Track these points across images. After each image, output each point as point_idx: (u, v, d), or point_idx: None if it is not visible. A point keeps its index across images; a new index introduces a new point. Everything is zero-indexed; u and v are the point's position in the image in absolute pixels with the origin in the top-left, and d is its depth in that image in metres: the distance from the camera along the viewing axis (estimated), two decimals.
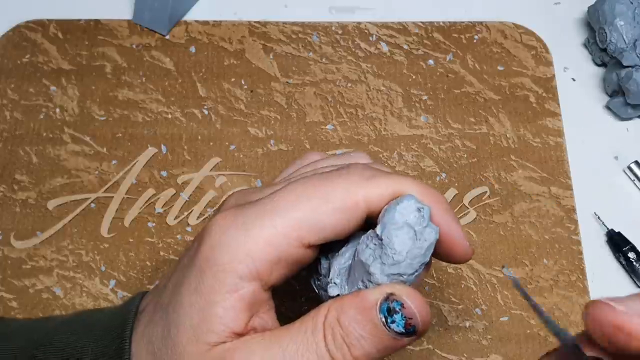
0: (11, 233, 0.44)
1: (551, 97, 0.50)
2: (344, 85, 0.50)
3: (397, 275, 0.25)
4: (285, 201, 0.25)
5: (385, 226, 0.25)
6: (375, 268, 0.25)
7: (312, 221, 0.25)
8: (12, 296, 0.42)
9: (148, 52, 0.50)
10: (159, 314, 0.26)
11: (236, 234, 0.25)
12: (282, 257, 0.25)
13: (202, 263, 0.25)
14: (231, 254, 0.24)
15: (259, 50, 0.51)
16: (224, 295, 0.24)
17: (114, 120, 0.48)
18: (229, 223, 0.25)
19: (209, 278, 0.24)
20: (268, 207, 0.25)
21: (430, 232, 0.25)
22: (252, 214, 0.25)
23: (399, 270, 0.25)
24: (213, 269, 0.24)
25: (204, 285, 0.24)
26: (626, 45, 0.48)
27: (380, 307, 0.24)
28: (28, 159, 0.46)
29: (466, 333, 0.42)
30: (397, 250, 0.25)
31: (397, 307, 0.24)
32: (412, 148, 0.47)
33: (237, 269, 0.24)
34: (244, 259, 0.24)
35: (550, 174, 0.47)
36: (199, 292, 0.24)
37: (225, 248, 0.25)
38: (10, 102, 0.48)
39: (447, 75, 0.50)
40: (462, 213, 0.45)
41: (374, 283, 0.25)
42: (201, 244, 0.25)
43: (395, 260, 0.25)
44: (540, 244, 0.44)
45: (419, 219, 0.25)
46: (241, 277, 0.24)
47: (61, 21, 0.51)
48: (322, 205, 0.25)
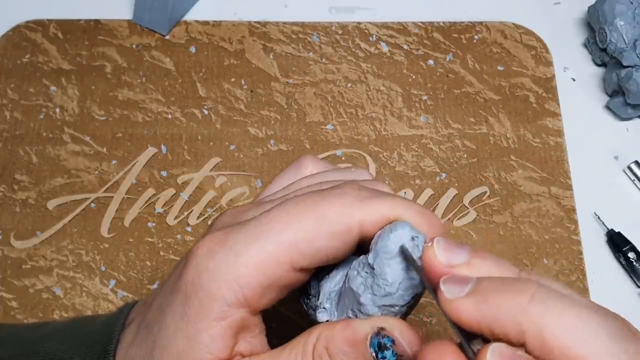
0: (11, 233, 0.44)
1: (551, 97, 0.50)
2: (344, 86, 0.50)
3: (388, 307, 0.24)
4: (277, 223, 0.24)
5: (378, 255, 0.24)
6: (366, 298, 0.24)
7: (304, 245, 0.24)
8: (12, 296, 0.42)
9: (148, 52, 0.50)
10: (143, 333, 0.25)
11: (225, 259, 0.24)
12: (272, 282, 0.24)
13: (189, 287, 0.24)
14: (219, 280, 0.23)
15: (259, 50, 0.51)
16: (210, 323, 0.23)
17: (114, 120, 0.48)
18: (217, 247, 0.24)
19: (195, 304, 0.23)
20: (258, 229, 0.24)
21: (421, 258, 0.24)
22: (241, 237, 0.24)
23: (390, 301, 0.24)
24: (199, 295, 0.23)
25: (190, 311, 0.23)
26: (626, 45, 0.48)
27: (371, 341, 0.23)
28: (28, 159, 0.46)
29: None
30: (389, 281, 0.23)
31: (388, 343, 0.23)
32: (412, 148, 0.47)
33: (225, 296, 0.23)
34: (232, 286, 0.23)
35: (550, 174, 0.47)
36: (184, 318, 0.24)
37: (213, 273, 0.23)
38: (10, 102, 0.48)
39: (447, 75, 0.50)
40: (462, 213, 0.45)
41: (364, 314, 0.24)
42: (187, 267, 0.24)
43: (386, 292, 0.24)
44: (540, 244, 0.44)
45: (413, 248, 0.24)
46: (229, 304, 0.23)
47: (61, 21, 0.51)
48: (315, 229, 0.24)
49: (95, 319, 0.29)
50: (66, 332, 0.28)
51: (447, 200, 0.46)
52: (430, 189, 0.46)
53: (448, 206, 0.46)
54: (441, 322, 0.42)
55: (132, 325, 0.26)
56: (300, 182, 0.28)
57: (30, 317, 0.41)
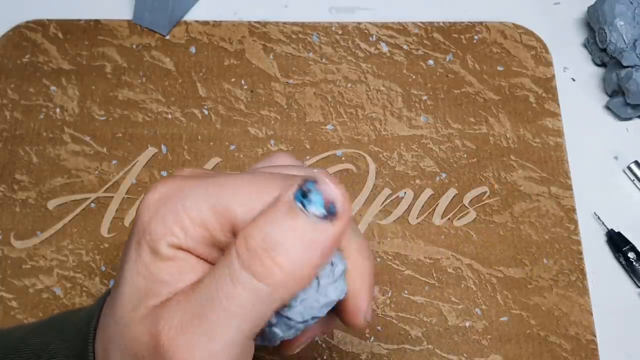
0: (11, 233, 0.44)
1: (551, 97, 0.50)
2: (344, 86, 0.50)
3: (285, 318, 0.23)
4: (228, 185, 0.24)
5: None
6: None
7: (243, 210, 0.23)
8: (12, 296, 0.42)
9: (148, 52, 0.50)
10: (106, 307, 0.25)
11: (174, 208, 0.23)
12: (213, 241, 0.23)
13: (139, 235, 0.24)
14: (166, 226, 0.23)
15: (259, 50, 0.51)
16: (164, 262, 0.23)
17: (114, 120, 0.48)
18: (171, 194, 0.24)
19: (145, 248, 0.23)
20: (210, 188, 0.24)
21: (334, 291, 0.24)
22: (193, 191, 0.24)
23: (287, 313, 0.23)
24: (147, 238, 0.23)
25: (142, 255, 0.23)
26: (626, 45, 0.48)
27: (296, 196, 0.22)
28: (28, 159, 0.46)
29: (466, 333, 0.42)
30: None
31: (310, 186, 0.22)
32: (412, 148, 0.47)
33: (169, 241, 0.23)
34: (178, 233, 0.23)
35: (550, 174, 0.47)
36: (139, 263, 0.24)
37: (162, 219, 0.23)
38: (10, 102, 0.48)
39: (447, 75, 0.50)
40: (462, 213, 0.45)
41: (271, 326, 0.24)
42: (139, 214, 0.24)
43: (288, 304, 0.23)
44: (540, 244, 0.44)
45: (328, 273, 0.23)
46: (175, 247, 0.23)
47: (61, 21, 0.51)
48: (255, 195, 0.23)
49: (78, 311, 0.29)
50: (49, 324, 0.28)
51: (447, 200, 0.46)
52: (430, 189, 0.46)
53: (448, 206, 0.46)
54: (441, 322, 0.42)
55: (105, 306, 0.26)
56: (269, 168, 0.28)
57: (30, 317, 0.41)
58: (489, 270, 0.44)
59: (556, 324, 0.42)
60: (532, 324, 0.42)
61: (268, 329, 0.24)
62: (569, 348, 0.41)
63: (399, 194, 0.46)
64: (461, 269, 0.44)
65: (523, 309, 0.42)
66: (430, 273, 0.44)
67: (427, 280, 0.43)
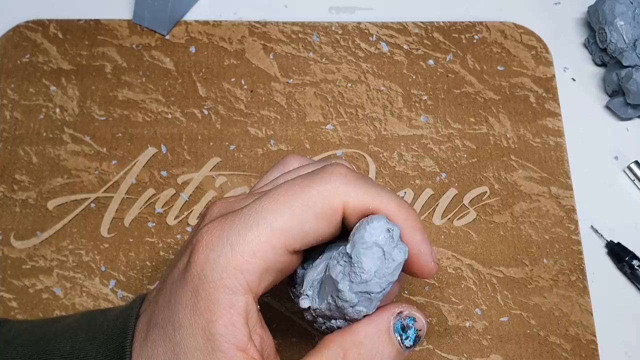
0: (11, 233, 0.44)
1: (551, 97, 0.50)
2: (344, 85, 0.50)
3: (365, 294, 0.26)
4: (268, 210, 0.26)
5: (355, 245, 0.26)
6: (344, 285, 0.26)
7: (295, 229, 0.26)
8: (12, 296, 0.42)
9: (148, 52, 0.50)
10: (155, 332, 0.26)
11: (224, 250, 0.25)
12: (269, 266, 0.26)
13: (195, 281, 0.25)
14: (220, 270, 0.25)
15: (259, 50, 0.51)
16: (220, 312, 0.25)
17: (114, 120, 0.48)
18: (215, 239, 0.25)
19: (203, 296, 0.25)
20: (252, 217, 0.26)
21: (399, 253, 0.26)
22: (236, 226, 0.26)
23: (366, 288, 0.26)
24: (205, 287, 0.25)
25: (200, 304, 0.25)
26: (626, 45, 0.48)
27: (395, 327, 0.26)
28: (28, 159, 0.46)
29: (466, 333, 0.42)
30: (365, 269, 0.25)
31: (410, 323, 0.26)
32: (412, 148, 0.47)
33: (228, 285, 0.25)
34: (234, 274, 0.25)
35: (550, 174, 0.47)
36: (196, 311, 0.25)
37: (215, 264, 0.25)
38: (10, 102, 0.48)
39: (447, 75, 0.50)
40: (462, 213, 0.45)
41: (342, 299, 0.26)
42: (190, 261, 0.25)
43: (363, 279, 0.26)
44: (540, 244, 0.44)
45: (388, 240, 0.26)
46: (234, 292, 0.25)
47: (61, 21, 0.51)
48: (303, 213, 0.26)
49: (104, 313, 0.29)
50: (79, 329, 0.28)
51: (447, 200, 0.46)
52: (430, 189, 0.46)
53: (448, 206, 0.46)
54: (441, 322, 0.42)
55: (142, 322, 0.27)
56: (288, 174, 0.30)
57: (30, 317, 0.41)
58: (489, 271, 0.44)
59: (556, 324, 0.42)
60: (532, 324, 0.42)
61: (352, 309, 0.26)
62: (569, 348, 0.41)
63: (399, 194, 0.46)
64: (461, 269, 0.44)
65: (523, 309, 0.42)
66: None
67: (427, 280, 0.43)
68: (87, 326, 0.28)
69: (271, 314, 0.42)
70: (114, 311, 0.29)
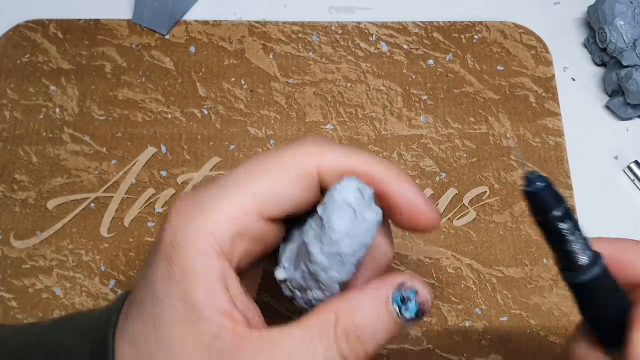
0: (11, 233, 0.44)
1: (551, 97, 0.50)
2: (344, 85, 0.50)
3: (336, 256, 0.25)
4: (241, 177, 0.25)
5: (326, 205, 0.25)
6: (315, 247, 0.25)
7: (269, 193, 0.25)
8: (12, 296, 0.42)
9: (148, 52, 0.50)
10: (135, 309, 0.25)
11: (195, 215, 0.25)
12: (243, 231, 0.25)
13: (168, 249, 0.24)
14: (193, 235, 0.24)
15: (259, 50, 0.51)
16: (198, 279, 0.24)
17: (113, 120, 0.48)
18: (188, 206, 0.25)
19: (178, 264, 0.24)
20: (224, 184, 0.25)
21: (371, 214, 0.25)
22: (208, 193, 0.25)
23: (337, 249, 0.25)
24: (178, 254, 0.24)
25: (175, 272, 0.24)
26: (626, 45, 0.48)
27: (394, 298, 0.25)
28: (28, 159, 0.46)
29: (466, 333, 0.42)
30: (335, 229, 0.25)
31: (411, 295, 0.25)
32: (412, 148, 0.47)
33: (202, 250, 0.24)
34: (206, 238, 0.24)
35: (550, 174, 0.47)
36: (172, 281, 0.24)
37: (187, 230, 0.24)
38: (10, 102, 0.48)
39: (447, 75, 0.50)
40: (462, 213, 0.45)
41: (314, 263, 0.25)
42: (164, 231, 0.25)
43: (333, 240, 0.25)
44: (540, 244, 0.44)
45: (359, 200, 0.25)
46: (208, 256, 0.24)
47: (61, 21, 0.51)
48: (277, 177, 0.25)
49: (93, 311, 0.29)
50: (66, 322, 0.28)
51: (447, 200, 0.46)
52: (430, 189, 0.46)
53: (448, 206, 0.46)
54: (441, 321, 0.42)
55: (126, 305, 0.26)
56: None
57: (30, 317, 0.41)
58: (489, 271, 0.44)
59: (556, 324, 0.42)
60: (532, 324, 0.42)
61: (325, 275, 0.25)
62: None
63: None
64: (461, 269, 0.44)
65: (523, 309, 0.42)
66: (430, 273, 0.44)
67: (427, 280, 0.43)
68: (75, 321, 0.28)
69: (271, 314, 0.41)
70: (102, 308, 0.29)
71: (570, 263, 0.25)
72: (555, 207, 0.25)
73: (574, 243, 0.25)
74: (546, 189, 0.24)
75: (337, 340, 0.24)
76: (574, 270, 0.25)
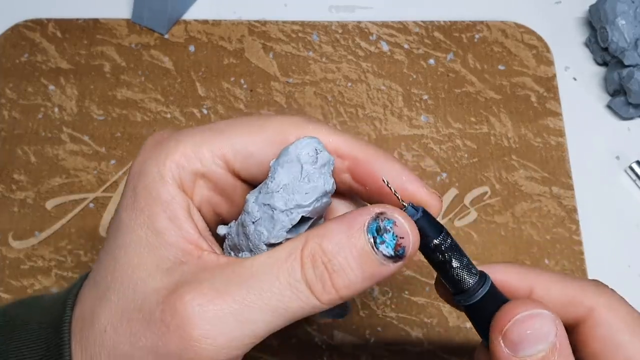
0: (9, 233, 0.43)
1: (552, 97, 0.49)
2: (344, 85, 0.49)
3: (267, 207, 0.23)
4: (221, 125, 0.25)
5: (278, 157, 0.24)
6: (251, 195, 0.24)
7: (241, 147, 0.25)
8: (10, 296, 0.41)
9: (147, 52, 0.50)
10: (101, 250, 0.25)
11: (166, 145, 0.24)
12: (207, 173, 0.25)
13: (135, 178, 0.24)
14: (159, 164, 0.24)
15: (259, 49, 0.50)
16: (162, 206, 0.24)
17: (112, 120, 0.47)
18: (159, 141, 0.25)
19: (143, 193, 0.24)
20: (201, 127, 0.25)
21: (319, 178, 0.23)
22: (185, 132, 0.25)
23: (270, 200, 0.23)
24: (143, 182, 0.24)
25: (140, 200, 0.24)
26: (627, 44, 0.48)
27: (369, 227, 0.22)
28: (26, 159, 0.46)
29: (467, 334, 0.42)
30: (275, 179, 0.23)
31: (388, 225, 0.22)
32: (412, 148, 0.47)
33: (167, 178, 0.24)
34: (171, 167, 0.24)
35: (551, 173, 0.47)
36: (136, 209, 0.24)
37: (153, 160, 0.24)
38: (8, 102, 0.48)
39: (448, 74, 0.50)
40: (463, 213, 0.45)
41: (245, 211, 0.24)
42: (133, 163, 0.25)
43: (269, 189, 0.23)
44: (541, 244, 0.44)
45: (312, 160, 0.23)
46: (171, 185, 0.24)
47: (60, 20, 0.51)
48: (253, 134, 0.25)
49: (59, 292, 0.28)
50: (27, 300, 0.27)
51: (448, 201, 0.46)
52: None
53: (449, 206, 0.45)
54: (442, 323, 0.42)
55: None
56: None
57: None
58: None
59: None
60: None
61: (252, 227, 0.24)
62: None
63: None
64: None
65: None
66: (431, 274, 0.43)
67: (427, 281, 0.43)
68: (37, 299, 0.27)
69: None
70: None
71: (458, 288, 0.25)
72: (435, 235, 0.24)
73: (457, 269, 0.24)
74: (422, 219, 0.23)
75: (303, 264, 0.22)
76: (463, 294, 0.25)
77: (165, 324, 0.21)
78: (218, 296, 0.22)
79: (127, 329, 0.22)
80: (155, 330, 0.22)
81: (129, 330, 0.22)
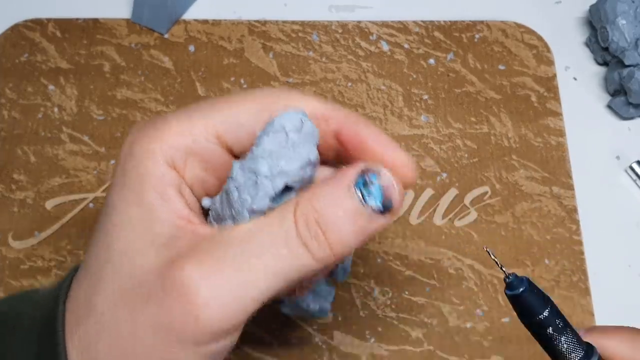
0: (9, 233, 0.43)
1: (552, 97, 0.49)
2: (344, 85, 0.49)
3: (251, 173, 0.24)
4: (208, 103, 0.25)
5: (265, 128, 0.24)
6: (237, 162, 0.24)
7: (231, 119, 0.25)
8: None
9: (147, 51, 0.50)
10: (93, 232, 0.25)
11: (155, 126, 0.24)
12: (198, 150, 0.25)
13: (126, 157, 0.24)
14: (148, 143, 0.24)
15: (259, 49, 0.50)
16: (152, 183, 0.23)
17: (112, 120, 0.47)
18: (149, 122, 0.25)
19: (133, 172, 0.24)
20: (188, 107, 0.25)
21: (304, 148, 0.24)
22: (173, 113, 0.25)
23: (254, 165, 0.24)
24: (133, 161, 0.24)
25: (130, 179, 0.24)
26: (628, 44, 0.48)
27: (356, 182, 0.23)
28: (26, 159, 0.46)
29: (467, 334, 0.42)
30: (260, 145, 0.24)
31: (373, 178, 0.23)
32: (412, 148, 0.47)
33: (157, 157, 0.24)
34: (161, 146, 0.24)
35: (551, 173, 0.47)
36: (126, 187, 0.24)
37: (142, 139, 0.24)
38: (8, 101, 0.48)
39: (448, 74, 0.50)
40: (463, 213, 0.45)
41: (229, 177, 0.24)
42: (123, 145, 0.25)
43: (254, 155, 0.24)
44: (541, 245, 0.44)
45: (297, 129, 0.24)
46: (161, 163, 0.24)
47: (60, 20, 0.51)
48: (241, 104, 0.25)
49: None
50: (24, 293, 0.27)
51: (448, 201, 0.46)
52: (430, 189, 0.46)
53: (449, 206, 0.45)
54: (442, 322, 0.42)
55: None
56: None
57: None
58: (490, 271, 0.43)
59: None
60: None
61: (237, 196, 0.24)
62: None
63: None
64: (462, 270, 0.43)
65: None
66: (431, 274, 0.43)
67: (427, 281, 0.43)
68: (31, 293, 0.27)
69: (271, 314, 0.41)
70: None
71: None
72: (540, 310, 0.24)
73: (564, 343, 0.24)
74: (527, 293, 0.24)
75: (297, 223, 0.23)
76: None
77: (167, 295, 0.22)
78: (217, 263, 0.22)
79: (127, 308, 0.22)
80: (158, 302, 0.22)
81: (128, 309, 0.22)
